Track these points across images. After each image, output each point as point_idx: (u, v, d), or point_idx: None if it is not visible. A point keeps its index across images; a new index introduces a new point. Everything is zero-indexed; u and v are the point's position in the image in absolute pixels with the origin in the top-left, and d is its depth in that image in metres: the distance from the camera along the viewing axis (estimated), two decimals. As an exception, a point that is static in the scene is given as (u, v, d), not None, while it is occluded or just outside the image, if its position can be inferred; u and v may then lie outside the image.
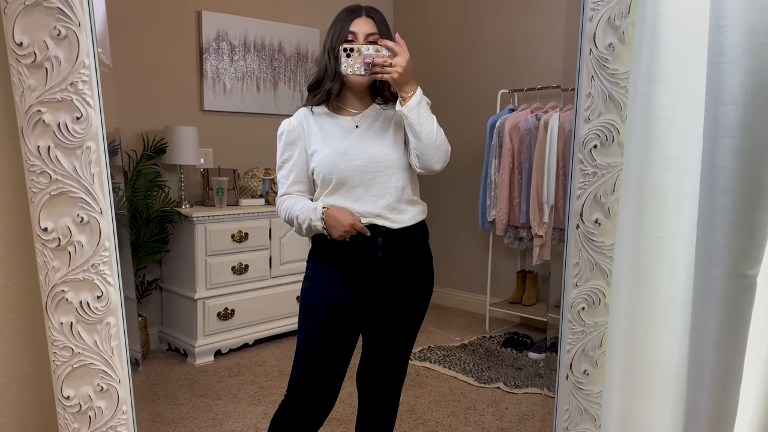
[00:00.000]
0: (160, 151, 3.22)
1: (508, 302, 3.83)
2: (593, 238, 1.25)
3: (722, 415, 1.12)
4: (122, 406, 1.24)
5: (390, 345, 1.72)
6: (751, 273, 1.05)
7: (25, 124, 1.12)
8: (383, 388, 1.78)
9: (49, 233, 1.16)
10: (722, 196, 1.03)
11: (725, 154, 1.02)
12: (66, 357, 1.20)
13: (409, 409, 2.67)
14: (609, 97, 1.19)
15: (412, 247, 1.64)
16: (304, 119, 1.63)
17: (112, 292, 1.20)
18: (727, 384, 1.10)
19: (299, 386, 1.60)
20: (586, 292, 1.26)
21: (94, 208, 1.17)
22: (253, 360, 3.24)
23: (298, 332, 1.63)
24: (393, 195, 1.57)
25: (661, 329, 1.21)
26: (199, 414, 2.61)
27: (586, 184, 1.23)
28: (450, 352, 3.39)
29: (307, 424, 1.62)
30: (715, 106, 1.02)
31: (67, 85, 1.12)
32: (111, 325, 1.21)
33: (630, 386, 1.24)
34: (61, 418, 1.22)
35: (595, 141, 1.21)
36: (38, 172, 1.14)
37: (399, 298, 1.65)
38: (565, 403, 1.32)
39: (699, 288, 1.09)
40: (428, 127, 1.51)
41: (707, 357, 1.10)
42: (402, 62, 1.45)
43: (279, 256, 3.45)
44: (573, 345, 1.29)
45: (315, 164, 1.59)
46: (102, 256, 1.18)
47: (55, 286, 1.17)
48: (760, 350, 1.13)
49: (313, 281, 1.63)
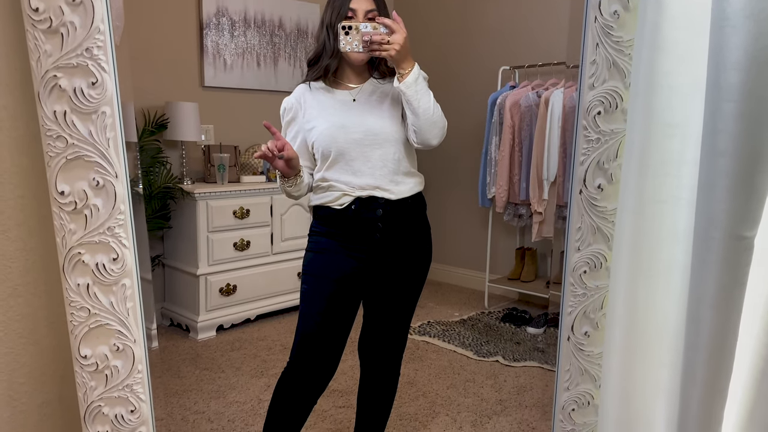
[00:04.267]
0: (161, 127, 3.23)
1: (507, 279, 3.88)
2: (596, 204, 1.28)
3: (718, 373, 1.16)
4: (138, 366, 1.28)
5: (390, 314, 1.76)
6: (749, 234, 1.09)
7: (41, 89, 1.14)
8: (384, 356, 1.82)
9: (65, 197, 1.18)
10: (722, 160, 1.06)
11: (726, 118, 1.05)
12: (83, 317, 1.23)
13: (410, 382, 2.72)
14: (613, 64, 1.22)
15: (411, 218, 1.68)
16: (302, 96, 1.66)
17: (127, 254, 1.23)
18: (724, 343, 1.14)
19: (301, 353, 1.64)
20: (588, 255, 1.30)
21: (110, 172, 1.19)
22: (255, 335, 3.29)
23: (300, 302, 1.67)
24: (390, 167, 1.61)
25: (660, 292, 1.25)
26: (202, 386, 2.65)
27: (589, 150, 1.26)
28: (449, 327, 3.44)
29: (309, 390, 1.66)
30: (717, 71, 1.05)
31: (82, 51, 1.14)
32: (126, 286, 1.24)
33: (629, 347, 1.29)
34: (79, 377, 1.26)
35: (599, 107, 1.24)
36: (55, 136, 1.16)
37: (398, 268, 1.68)
38: (567, 364, 1.36)
39: (698, 249, 1.13)
40: (425, 103, 1.54)
41: (705, 317, 1.14)
42: (399, 40, 1.47)
43: (280, 233, 3.48)
44: (574, 307, 1.33)
45: (314, 138, 1.62)
46: (117, 219, 1.21)
47: (71, 249, 1.20)
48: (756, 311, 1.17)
49: (315, 252, 1.67)
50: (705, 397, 1.16)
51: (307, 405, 1.68)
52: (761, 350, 1.14)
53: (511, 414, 2.44)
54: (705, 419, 1.17)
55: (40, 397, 1.35)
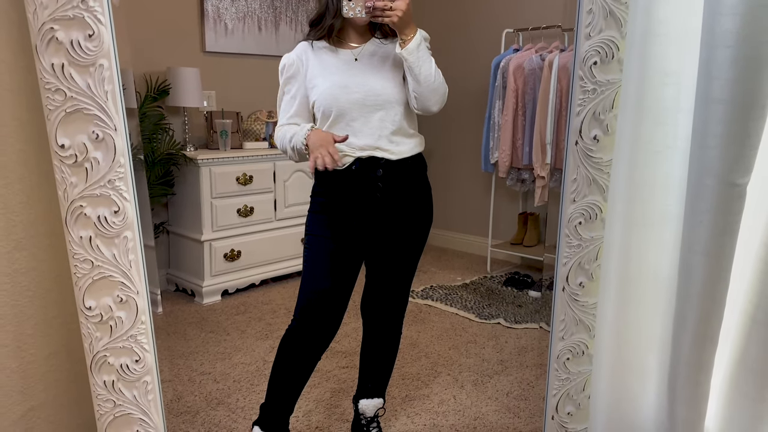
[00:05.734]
0: (163, 93, 3.23)
1: (509, 243, 3.90)
2: (591, 155, 1.28)
3: (708, 320, 1.18)
4: (141, 317, 1.31)
5: (391, 273, 1.78)
6: (742, 182, 1.10)
7: (38, 41, 1.15)
8: (386, 315, 1.85)
9: (66, 150, 1.20)
10: (716, 106, 1.06)
11: (721, 64, 1.05)
12: (86, 269, 1.26)
13: (412, 343, 2.76)
14: (609, 13, 1.21)
15: (411, 178, 1.69)
16: (304, 54, 1.66)
17: (128, 207, 1.25)
18: (715, 290, 1.16)
19: (305, 311, 1.66)
20: (583, 207, 1.31)
21: (109, 125, 1.21)
22: (259, 299, 3.33)
23: (303, 262, 1.70)
24: (390, 128, 1.62)
25: (654, 242, 1.27)
26: (208, 348, 2.70)
27: (585, 101, 1.26)
28: (451, 291, 3.48)
29: (312, 348, 1.69)
30: (713, 17, 1.04)
31: (78, 2, 1.14)
32: (128, 239, 1.27)
33: (623, 296, 1.31)
34: (84, 328, 1.29)
35: (595, 58, 1.23)
36: (53, 89, 1.17)
37: (399, 227, 1.70)
38: (561, 314, 1.38)
39: (691, 197, 1.14)
40: (426, 70, 1.55)
41: (696, 264, 1.15)
42: (402, 6, 1.47)
43: (283, 199, 3.50)
44: (569, 258, 1.34)
45: (315, 97, 1.62)
46: (117, 172, 1.23)
47: (73, 202, 1.23)
48: (746, 259, 1.18)
49: (317, 214, 1.69)
50: (696, 343, 1.18)
51: (310, 362, 1.72)
52: (751, 296, 1.16)
53: (511, 374, 2.48)
54: (696, 365, 1.19)
55: (48, 348, 1.39)
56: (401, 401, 2.25)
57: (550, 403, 1.47)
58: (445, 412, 2.18)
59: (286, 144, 1.62)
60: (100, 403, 1.33)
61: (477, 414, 2.17)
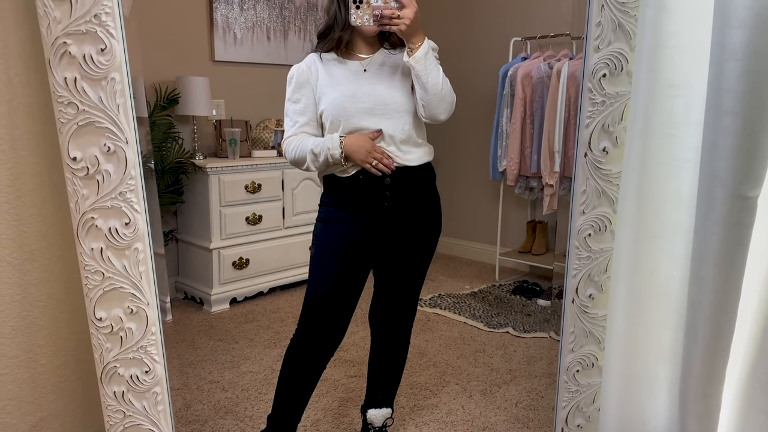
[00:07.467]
0: (172, 102, 3.25)
1: (518, 252, 3.88)
2: (600, 167, 1.28)
3: (720, 332, 1.17)
4: (151, 328, 1.32)
5: (399, 282, 1.78)
6: (752, 194, 1.09)
7: (51, 56, 1.16)
8: (394, 324, 1.85)
9: (78, 162, 1.21)
10: (727, 119, 1.06)
11: (731, 77, 1.04)
12: (97, 281, 1.27)
13: (420, 352, 2.76)
14: (618, 26, 1.21)
15: (419, 187, 1.69)
16: (313, 64, 1.67)
17: (139, 219, 1.26)
18: (726, 302, 1.15)
19: (309, 320, 1.67)
20: (593, 218, 1.31)
21: (120, 138, 1.22)
22: (267, 307, 3.34)
23: (309, 270, 1.70)
24: (399, 137, 1.62)
25: (664, 254, 1.26)
26: (216, 357, 2.71)
27: (594, 113, 1.26)
28: (460, 300, 3.47)
29: (317, 356, 1.69)
30: (722, 30, 1.04)
31: (91, 17, 1.15)
32: (139, 250, 1.27)
33: (633, 308, 1.30)
34: (95, 339, 1.30)
35: (604, 70, 1.23)
36: (66, 102, 1.18)
37: (407, 236, 1.70)
38: (571, 326, 1.38)
39: (701, 209, 1.13)
40: (434, 78, 1.55)
41: (707, 276, 1.15)
42: (410, 14, 1.48)
43: (292, 207, 3.51)
44: (579, 270, 1.34)
45: (324, 107, 1.63)
46: (128, 185, 1.24)
47: (85, 214, 1.24)
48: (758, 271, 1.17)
49: (324, 222, 1.69)
50: (707, 356, 1.17)
51: (315, 371, 1.71)
52: (763, 308, 1.15)
53: (520, 383, 2.46)
54: (707, 377, 1.19)
55: (59, 359, 1.40)
56: (409, 411, 2.24)
57: (560, 416, 1.46)
58: (453, 422, 2.17)
59: (306, 153, 1.62)
60: (110, 414, 1.34)
61: (486, 424, 2.16)
